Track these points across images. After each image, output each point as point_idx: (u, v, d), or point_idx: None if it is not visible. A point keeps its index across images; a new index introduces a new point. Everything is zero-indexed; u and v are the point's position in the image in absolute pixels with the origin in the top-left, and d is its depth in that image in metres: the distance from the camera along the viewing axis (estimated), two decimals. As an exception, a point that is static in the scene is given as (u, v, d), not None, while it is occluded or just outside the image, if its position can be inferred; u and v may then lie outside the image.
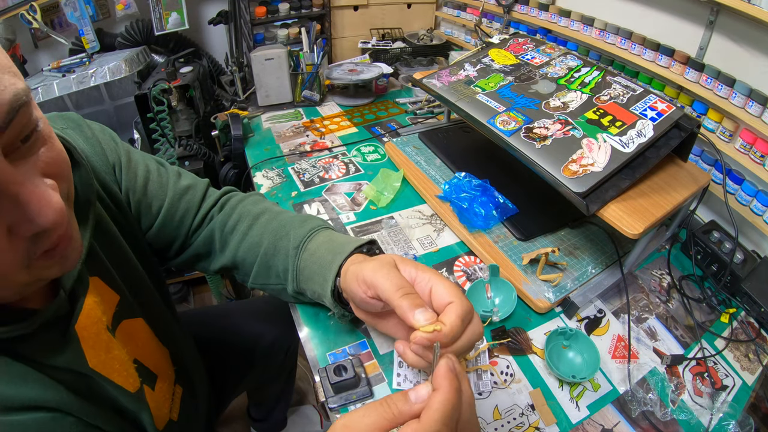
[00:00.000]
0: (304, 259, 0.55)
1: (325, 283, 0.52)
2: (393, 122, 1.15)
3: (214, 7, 1.42)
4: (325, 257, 0.53)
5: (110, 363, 0.43)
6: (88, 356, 0.40)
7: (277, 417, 1.19)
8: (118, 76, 1.16)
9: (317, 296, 0.55)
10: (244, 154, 1.04)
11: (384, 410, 0.32)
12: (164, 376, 0.55)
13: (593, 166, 0.64)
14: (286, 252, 0.57)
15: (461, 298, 0.40)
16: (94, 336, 0.41)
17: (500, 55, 0.91)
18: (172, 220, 0.59)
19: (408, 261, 0.46)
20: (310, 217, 0.62)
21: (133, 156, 0.56)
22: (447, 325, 0.37)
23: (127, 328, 0.49)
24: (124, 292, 0.49)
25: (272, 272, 0.59)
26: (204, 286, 1.66)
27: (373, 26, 1.53)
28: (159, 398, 0.53)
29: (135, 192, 0.55)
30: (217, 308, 1.06)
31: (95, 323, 0.42)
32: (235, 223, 0.61)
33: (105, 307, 0.45)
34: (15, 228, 0.28)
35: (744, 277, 0.70)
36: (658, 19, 0.90)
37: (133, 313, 0.51)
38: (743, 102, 0.74)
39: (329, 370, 0.53)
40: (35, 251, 0.31)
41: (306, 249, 0.55)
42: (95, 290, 0.44)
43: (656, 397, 0.56)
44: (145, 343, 0.52)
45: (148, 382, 0.50)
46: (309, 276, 0.54)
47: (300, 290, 0.57)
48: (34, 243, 0.30)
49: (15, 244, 0.29)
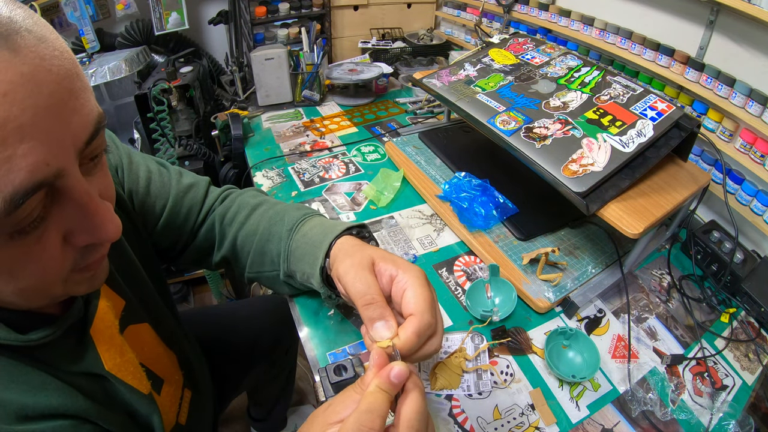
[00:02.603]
0: (296, 240, 0.55)
1: (315, 262, 0.52)
2: (393, 122, 1.15)
3: (214, 7, 1.42)
4: (317, 237, 0.53)
5: (125, 366, 0.43)
6: (104, 359, 0.41)
7: (277, 417, 1.19)
8: (118, 76, 1.16)
9: (306, 277, 0.54)
10: (244, 154, 1.04)
11: (343, 394, 0.34)
12: (171, 380, 0.55)
13: (593, 166, 0.64)
14: (279, 236, 0.57)
15: (423, 312, 0.38)
16: (108, 339, 0.42)
17: (500, 55, 0.91)
18: (177, 218, 0.59)
19: (390, 258, 0.44)
20: (305, 206, 0.62)
21: (134, 158, 0.57)
22: (401, 341, 0.37)
23: (134, 333, 0.49)
24: (130, 297, 0.49)
25: (267, 258, 0.59)
26: (204, 286, 1.66)
27: (373, 26, 1.53)
28: (166, 403, 0.53)
29: (138, 193, 0.55)
30: (217, 308, 1.06)
31: (109, 327, 0.43)
32: (234, 214, 0.61)
33: (115, 312, 0.45)
34: (71, 236, 0.30)
35: (744, 277, 0.70)
36: (658, 19, 0.90)
37: (139, 318, 0.51)
38: (743, 102, 0.74)
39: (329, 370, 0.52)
40: (80, 264, 0.32)
41: (299, 230, 0.56)
42: (106, 297, 0.45)
43: (656, 396, 0.56)
44: (151, 348, 0.53)
45: (154, 386, 0.51)
46: (300, 256, 0.54)
47: (290, 272, 0.56)
48: (81, 255, 0.32)
49: (66, 252, 0.30)
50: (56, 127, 0.25)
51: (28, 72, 0.24)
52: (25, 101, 0.23)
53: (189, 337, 0.65)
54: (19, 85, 0.23)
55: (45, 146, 0.25)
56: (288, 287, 0.61)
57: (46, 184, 0.26)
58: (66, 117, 0.26)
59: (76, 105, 0.27)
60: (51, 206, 0.28)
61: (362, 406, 0.31)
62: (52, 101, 0.25)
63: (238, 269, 0.63)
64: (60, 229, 0.29)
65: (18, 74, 0.23)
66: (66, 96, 0.26)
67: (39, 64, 0.25)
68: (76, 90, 0.27)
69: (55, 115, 0.25)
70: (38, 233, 0.28)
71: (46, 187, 0.26)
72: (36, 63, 0.24)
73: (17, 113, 0.23)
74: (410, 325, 0.38)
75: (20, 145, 0.23)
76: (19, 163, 0.24)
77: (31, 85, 0.24)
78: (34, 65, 0.24)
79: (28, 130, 0.24)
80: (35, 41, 0.25)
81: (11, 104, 0.23)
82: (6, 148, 0.23)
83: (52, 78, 0.25)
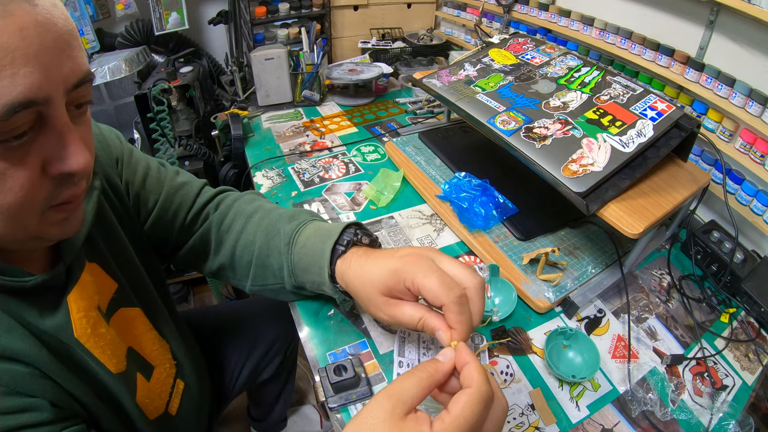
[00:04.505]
0: (296, 252, 0.56)
1: (322, 271, 0.53)
2: (393, 122, 1.15)
3: (214, 7, 1.42)
4: (316, 246, 0.54)
5: (95, 339, 0.45)
6: (75, 326, 0.43)
7: (277, 417, 1.19)
8: (118, 76, 1.16)
9: (317, 286, 0.56)
10: (244, 154, 1.04)
11: (419, 372, 0.37)
12: (162, 368, 0.56)
13: (593, 166, 0.64)
14: (278, 250, 0.58)
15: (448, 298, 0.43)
16: (83, 310, 0.44)
17: (500, 55, 0.91)
18: (167, 214, 0.61)
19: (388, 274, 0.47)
20: (298, 211, 0.63)
21: (136, 153, 0.59)
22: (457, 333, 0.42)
23: (124, 316, 0.51)
24: (122, 281, 0.51)
25: (269, 272, 0.60)
26: (204, 286, 1.66)
27: (373, 26, 1.53)
28: (155, 389, 0.54)
29: (134, 185, 0.57)
30: (217, 308, 1.06)
31: (86, 299, 0.44)
32: (231, 222, 0.62)
33: (99, 291, 0.47)
34: (48, 165, 0.34)
35: (744, 277, 0.70)
36: (658, 19, 0.90)
37: (131, 303, 0.53)
38: (743, 102, 0.74)
39: (329, 370, 0.53)
40: (56, 196, 0.36)
41: (296, 243, 0.57)
42: (92, 274, 0.47)
43: (656, 396, 0.56)
44: (141, 332, 0.54)
45: (142, 371, 0.52)
46: (305, 268, 0.56)
47: (299, 284, 0.58)
48: (56, 187, 0.36)
49: (43, 181, 0.35)
50: (53, 64, 0.32)
51: (42, 20, 0.31)
52: (35, 38, 0.30)
53: (185, 332, 0.66)
54: (33, 27, 0.30)
55: (42, 74, 0.31)
56: (295, 296, 0.62)
57: (37, 104, 0.31)
58: (62, 60, 0.33)
59: (72, 54, 0.34)
60: (37, 130, 0.33)
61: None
62: (54, 45, 0.32)
63: (237, 280, 0.64)
64: (40, 156, 0.34)
65: (33, 20, 0.30)
66: (64, 46, 0.33)
67: (50, 18, 0.32)
68: (74, 45, 0.34)
69: (54, 55, 0.32)
70: (21, 153, 0.33)
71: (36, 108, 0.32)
72: (48, 17, 0.32)
73: (27, 45, 0.30)
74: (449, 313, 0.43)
75: (23, 67, 0.30)
76: (20, 81, 0.30)
77: (41, 29, 0.31)
78: (47, 18, 0.31)
79: (32, 59, 0.30)
80: (50, 4, 0.32)
81: (24, 38, 0.30)
82: (13, 67, 0.29)
83: (57, 29, 0.32)
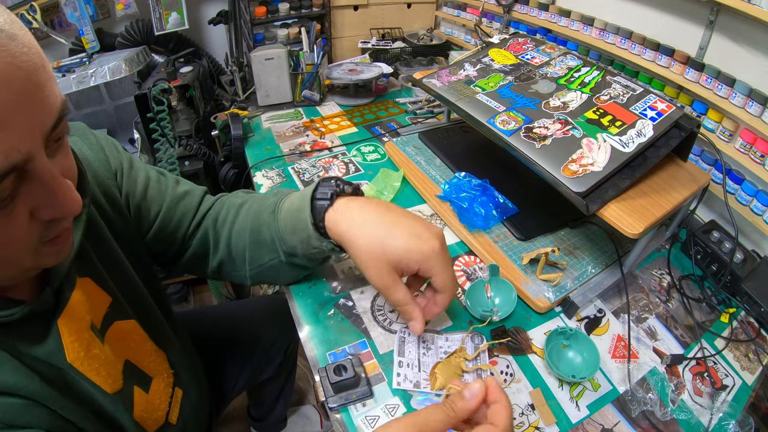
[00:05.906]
0: (281, 218, 0.57)
1: (306, 225, 0.54)
2: (393, 122, 1.15)
3: (214, 7, 1.42)
4: (297, 203, 0.56)
5: (89, 361, 0.43)
6: (67, 351, 0.41)
7: (277, 417, 1.19)
8: (118, 76, 1.16)
9: (305, 243, 0.56)
10: (244, 154, 1.04)
11: (446, 408, 0.38)
12: (160, 378, 0.55)
13: (593, 166, 0.64)
14: (267, 223, 0.59)
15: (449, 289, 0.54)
16: (75, 332, 0.42)
17: (500, 55, 0.91)
18: (169, 224, 0.60)
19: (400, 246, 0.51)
20: (285, 190, 0.64)
21: (135, 164, 0.58)
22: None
23: (120, 329, 0.50)
24: (117, 294, 0.50)
25: (264, 249, 0.59)
26: (204, 286, 1.66)
27: (373, 26, 1.53)
28: (154, 400, 0.53)
29: (134, 196, 0.56)
30: (217, 308, 1.06)
31: (78, 321, 0.43)
32: (225, 215, 0.63)
33: (92, 307, 0.46)
34: (37, 211, 0.33)
35: (744, 276, 0.70)
36: (658, 19, 0.90)
37: (126, 315, 0.51)
38: (743, 102, 0.74)
39: (329, 370, 0.53)
40: (46, 236, 0.35)
41: (281, 209, 0.58)
42: (84, 290, 0.45)
43: (656, 396, 0.56)
44: (138, 344, 0.53)
45: (140, 384, 0.51)
46: (291, 229, 0.56)
47: (290, 250, 0.57)
48: (46, 228, 0.35)
49: (33, 226, 0.33)
50: (25, 117, 0.28)
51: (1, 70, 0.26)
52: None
53: (183, 338, 0.65)
54: None
55: (16, 134, 0.27)
56: (293, 269, 0.61)
57: (18, 168, 0.29)
58: (34, 108, 0.29)
59: (42, 96, 0.30)
60: (20, 186, 0.31)
61: None
62: (21, 95, 0.28)
63: (237, 271, 0.64)
64: (27, 206, 0.32)
65: None
66: (33, 89, 0.29)
67: (10, 62, 0.26)
68: (42, 82, 0.30)
69: (24, 107, 0.28)
70: (8, 210, 0.31)
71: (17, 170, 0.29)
72: (8, 61, 0.26)
73: None
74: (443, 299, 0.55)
75: None
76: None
77: (2, 81, 0.26)
78: (6, 63, 0.26)
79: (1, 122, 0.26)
80: (7, 40, 0.27)
81: None
82: None
83: (21, 74, 0.27)
